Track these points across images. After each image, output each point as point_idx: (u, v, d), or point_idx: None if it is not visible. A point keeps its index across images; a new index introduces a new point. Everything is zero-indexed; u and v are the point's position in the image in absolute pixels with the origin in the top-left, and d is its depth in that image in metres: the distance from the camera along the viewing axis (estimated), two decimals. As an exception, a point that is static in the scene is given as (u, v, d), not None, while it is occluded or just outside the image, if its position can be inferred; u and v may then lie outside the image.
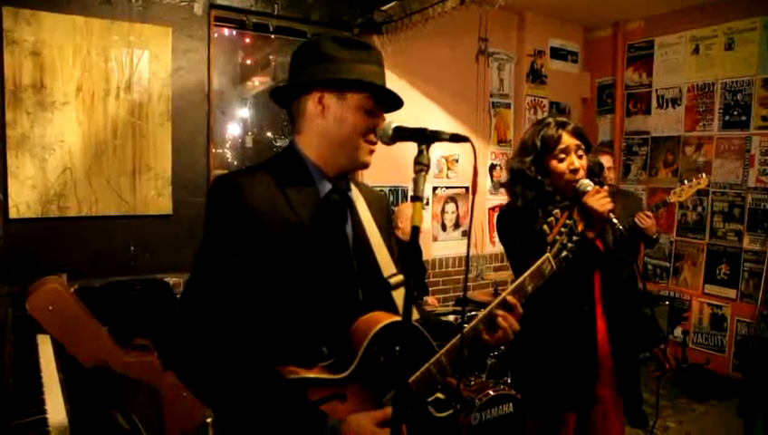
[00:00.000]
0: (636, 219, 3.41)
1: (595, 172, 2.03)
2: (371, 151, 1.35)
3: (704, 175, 3.48)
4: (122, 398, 2.58)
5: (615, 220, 1.87)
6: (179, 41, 3.69)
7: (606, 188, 1.92)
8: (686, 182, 3.50)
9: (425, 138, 1.15)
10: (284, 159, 1.37)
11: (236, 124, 5.12)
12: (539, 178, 1.98)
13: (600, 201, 1.84)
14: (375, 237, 1.43)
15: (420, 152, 1.13)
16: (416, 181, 1.10)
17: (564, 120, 2.02)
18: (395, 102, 1.39)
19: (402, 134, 1.23)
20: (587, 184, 1.89)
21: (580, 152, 1.97)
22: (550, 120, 2.02)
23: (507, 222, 2.07)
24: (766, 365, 2.77)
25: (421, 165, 1.12)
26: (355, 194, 1.45)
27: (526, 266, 1.60)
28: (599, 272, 2.04)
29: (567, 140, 1.96)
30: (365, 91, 1.31)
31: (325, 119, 1.33)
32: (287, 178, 1.31)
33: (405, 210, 3.86)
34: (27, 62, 3.25)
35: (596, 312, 2.02)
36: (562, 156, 1.95)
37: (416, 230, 1.06)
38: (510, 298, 1.40)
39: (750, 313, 4.42)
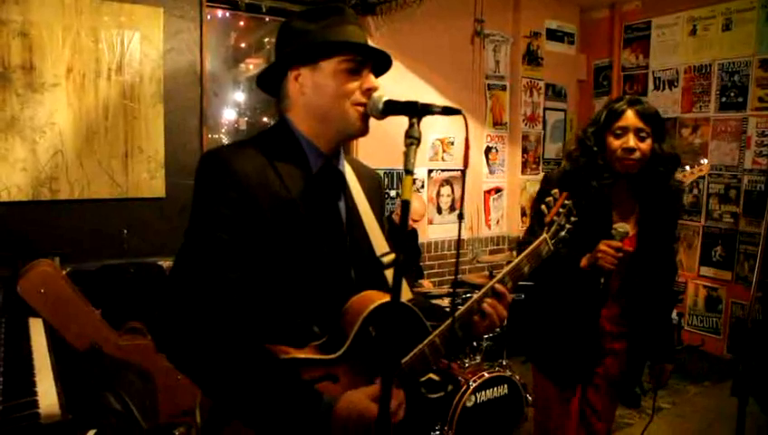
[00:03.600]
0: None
1: (664, 162, 1.95)
2: (364, 115, 1.28)
3: (705, 161, 3.37)
4: (115, 381, 2.57)
5: (602, 281, 1.90)
6: (171, 21, 3.64)
7: (630, 249, 1.92)
8: (687, 169, 3.40)
9: (416, 111, 1.12)
10: (275, 133, 1.33)
11: (230, 107, 5.07)
12: (594, 149, 1.98)
13: (605, 256, 1.84)
14: (367, 215, 1.40)
15: (411, 125, 1.11)
16: (406, 155, 1.08)
17: (639, 99, 2.00)
18: (380, 59, 1.34)
19: (393, 108, 1.21)
20: (620, 233, 1.89)
21: (643, 135, 1.93)
22: (626, 96, 2.03)
23: (547, 183, 2.07)
24: (760, 346, 2.77)
25: (412, 138, 1.09)
26: (348, 171, 1.42)
27: (532, 233, 1.57)
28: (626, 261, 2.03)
29: (630, 118, 1.92)
30: (337, 54, 1.26)
31: (306, 96, 1.29)
32: (278, 152, 1.28)
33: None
34: (16, 43, 3.20)
35: (608, 293, 2.02)
36: (619, 132, 1.94)
37: (406, 204, 1.04)
38: (498, 286, 1.37)
39: (745, 295, 4.43)
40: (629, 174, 1.95)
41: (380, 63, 1.35)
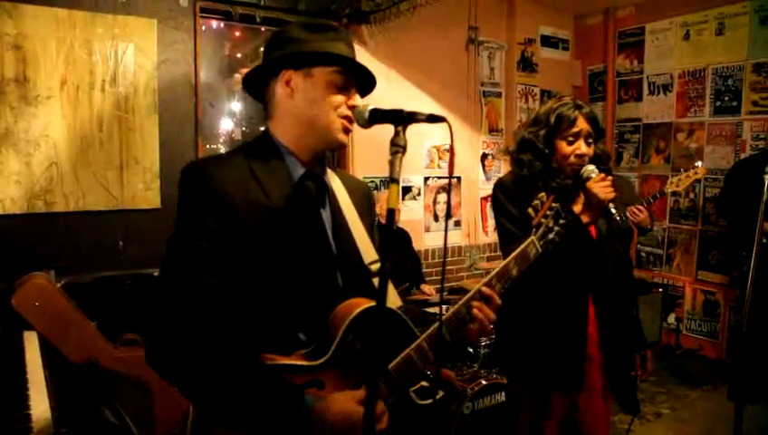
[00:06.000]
0: (628, 214, 3.30)
1: (602, 160, 2.02)
2: (346, 129, 1.31)
3: (700, 164, 3.40)
4: (111, 394, 2.56)
5: (614, 210, 1.87)
6: (165, 33, 3.65)
7: (611, 178, 1.90)
8: (682, 172, 3.41)
9: (401, 119, 1.13)
10: (258, 144, 1.35)
11: (226, 117, 5.09)
12: (546, 152, 1.98)
13: (603, 189, 1.85)
14: (356, 225, 1.41)
15: (396, 134, 1.11)
16: (392, 163, 1.08)
17: (582, 103, 2.01)
18: (367, 82, 1.37)
19: (379, 116, 1.21)
20: (591, 170, 1.90)
21: (590, 139, 1.97)
22: (568, 99, 2.01)
23: (507, 189, 2.05)
24: (756, 350, 2.78)
25: (397, 146, 1.09)
26: (334, 181, 1.44)
27: (516, 239, 1.56)
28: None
29: (581, 124, 1.95)
30: (331, 65, 1.29)
31: (294, 100, 1.31)
32: (260, 163, 1.30)
33: (384, 197, 3.84)
34: (9, 56, 3.20)
35: (588, 297, 2.01)
36: (572, 139, 1.95)
37: (391, 213, 1.04)
38: (485, 289, 1.37)
39: (742, 298, 4.42)
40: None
41: (365, 85, 1.39)
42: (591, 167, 1.92)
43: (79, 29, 3.38)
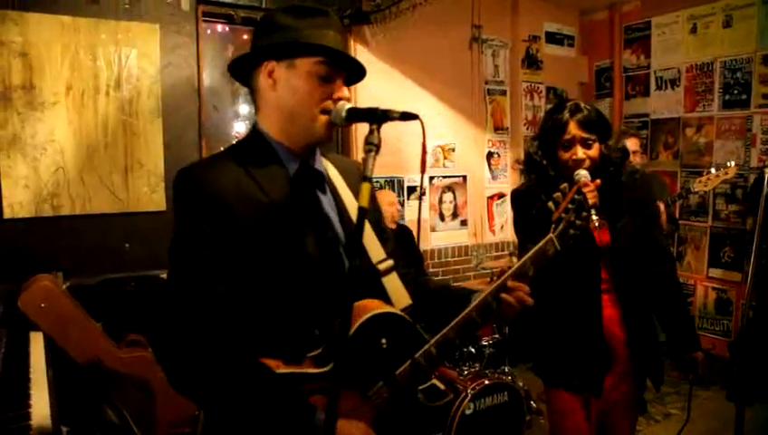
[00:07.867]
0: None
1: (613, 161, 1.97)
2: (329, 123, 1.27)
3: (732, 163, 3.28)
4: (113, 394, 2.59)
5: (594, 218, 1.84)
6: (167, 37, 3.70)
7: (598, 181, 1.85)
8: (713, 171, 3.29)
9: (375, 117, 1.13)
10: (248, 141, 1.33)
11: (230, 120, 5.11)
12: (543, 162, 1.98)
13: (585, 194, 1.81)
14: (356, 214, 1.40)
15: (371, 132, 1.12)
16: (365, 161, 1.09)
17: (581, 106, 1.97)
18: (354, 70, 1.33)
19: (355, 115, 1.22)
20: (582, 175, 1.87)
21: (590, 142, 1.93)
22: (567, 105, 1.99)
23: (513, 201, 2.14)
24: (757, 350, 2.72)
25: (371, 145, 1.10)
26: (331, 170, 1.41)
27: (525, 247, 1.55)
28: (608, 258, 1.99)
29: (573, 130, 1.92)
30: (315, 55, 1.25)
31: (277, 91, 1.28)
32: (253, 160, 1.27)
33: (386, 199, 3.83)
34: (16, 63, 3.26)
35: (601, 297, 1.98)
36: (567, 145, 1.94)
37: (362, 212, 1.04)
38: (510, 283, 1.35)
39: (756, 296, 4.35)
40: None
41: (355, 73, 1.35)
42: (583, 172, 1.88)
43: (83, 35, 3.43)
